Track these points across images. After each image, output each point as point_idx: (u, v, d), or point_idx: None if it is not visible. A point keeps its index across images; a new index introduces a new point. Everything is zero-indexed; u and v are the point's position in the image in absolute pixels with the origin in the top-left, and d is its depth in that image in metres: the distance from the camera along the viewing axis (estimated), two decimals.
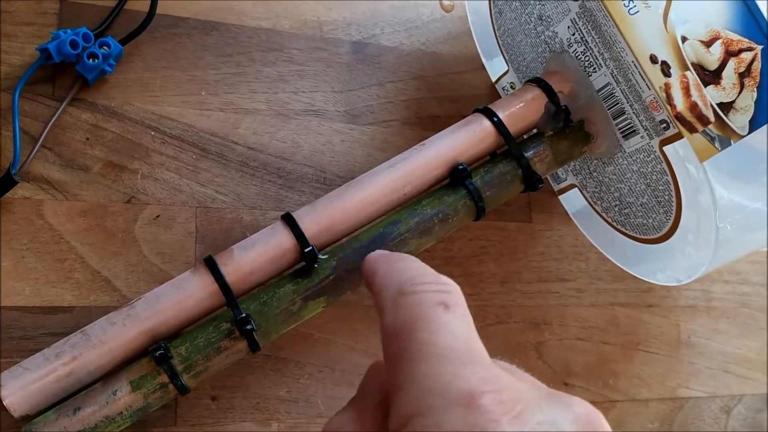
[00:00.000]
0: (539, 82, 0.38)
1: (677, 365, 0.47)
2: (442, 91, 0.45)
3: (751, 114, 0.33)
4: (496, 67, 0.46)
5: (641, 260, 0.42)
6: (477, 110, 0.38)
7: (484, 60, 0.47)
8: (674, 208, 0.37)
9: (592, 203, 0.43)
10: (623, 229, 0.42)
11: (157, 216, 0.36)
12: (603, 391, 0.44)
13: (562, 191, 0.45)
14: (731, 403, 0.48)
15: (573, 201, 0.46)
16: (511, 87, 0.45)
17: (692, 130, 0.33)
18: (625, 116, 0.36)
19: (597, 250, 0.45)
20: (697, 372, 0.47)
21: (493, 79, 0.47)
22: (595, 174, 0.41)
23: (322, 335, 0.38)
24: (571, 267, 0.46)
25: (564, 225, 0.46)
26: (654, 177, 0.37)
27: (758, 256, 0.52)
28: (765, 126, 0.33)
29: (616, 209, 0.41)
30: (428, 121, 0.44)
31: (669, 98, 0.33)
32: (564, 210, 0.46)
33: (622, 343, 0.46)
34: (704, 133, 0.33)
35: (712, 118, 0.33)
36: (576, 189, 0.44)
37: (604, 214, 0.43)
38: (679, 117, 0.33)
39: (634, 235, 0.41)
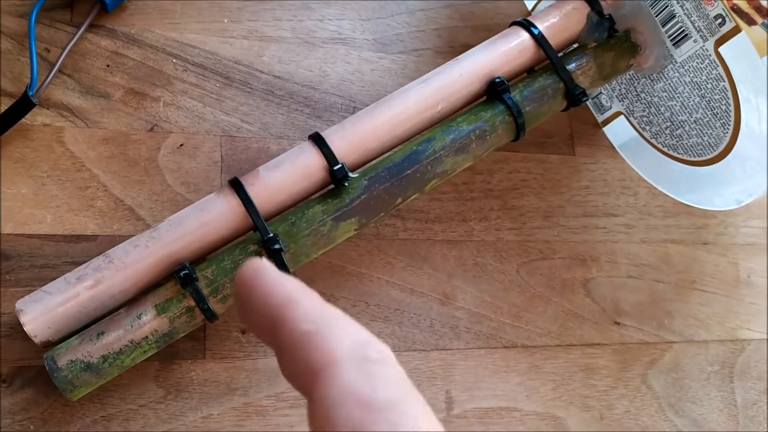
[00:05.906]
0: None
1: (737, 305, 0.44)
2: (474, 19, 0.43)
3: None
4: None
5: (696, 187, 0.39)
6: (515, 23, 0.35)
7: None
8: (732, 118, 0.34)
9: (640, 130, 0.41)
10: (675, 154, 0.39)
11: (181, 144, 0.35)
12: (658, 331, 0.41)
13: (607, 122, 0.43)
14: None
15: (618, 132, 0.43)
16: None
17: (750, 22, 0.30)
18: (676, 20, 0.33)
19: (646, 185, 0.43)
20: (758, 313, 0.44)
21: (529, 8, 0.44)
22: (642, 95, 0.39)
23: (355, 268, 0.36)
24: (619, 201, 0.43)
25: (609, 158, 0.43)
26: (709, 86, 0.34)
27: None
28: None
29: (667, 132, 0.38)
30: (461, 51, 0.41)
31: None
32: (609, 143, 0.44)
33: (676, 282, 0.43)
34: (763, 25, 0.30)
35: None
36: (621, 118, 0.42)
37: (653, 140, 0.40)
38: (736, 9, 0.30)
39: (688, 158, 0.38)
